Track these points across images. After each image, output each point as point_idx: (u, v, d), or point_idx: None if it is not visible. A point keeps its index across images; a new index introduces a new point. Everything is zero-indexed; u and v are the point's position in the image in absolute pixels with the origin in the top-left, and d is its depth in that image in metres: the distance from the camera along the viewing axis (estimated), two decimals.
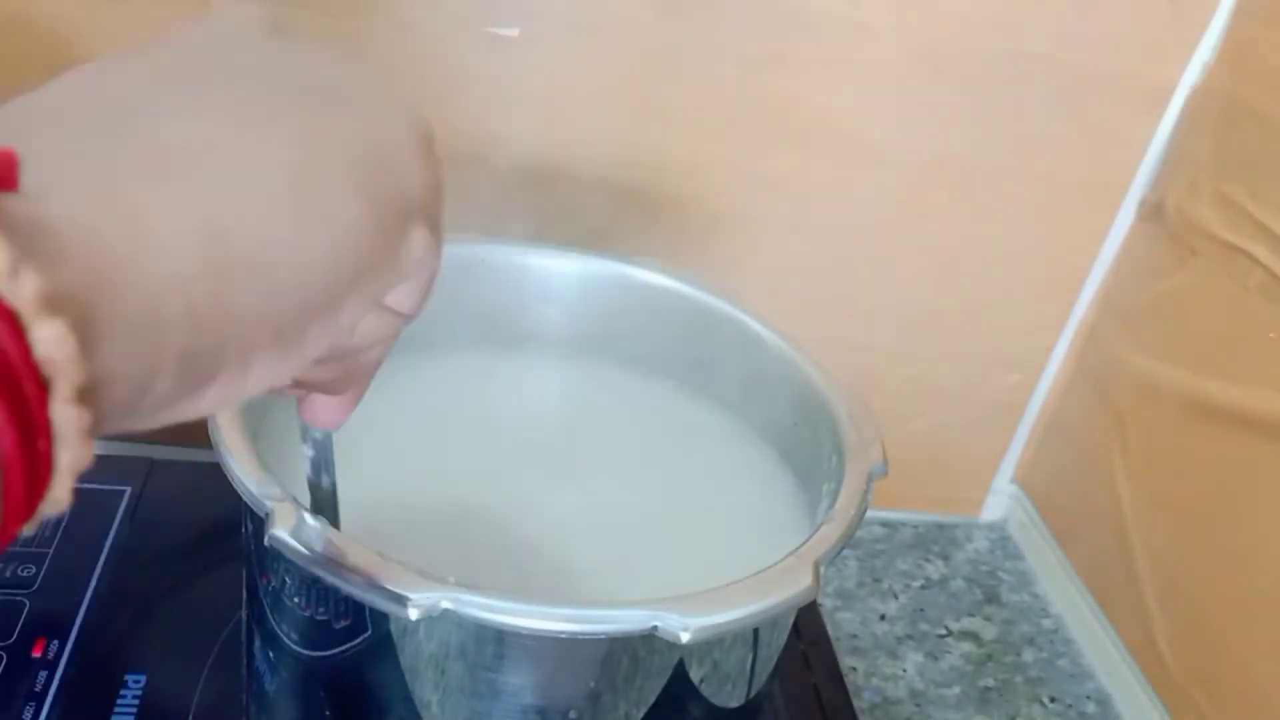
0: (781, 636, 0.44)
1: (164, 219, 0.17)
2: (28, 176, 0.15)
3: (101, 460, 0.58)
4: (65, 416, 0.15)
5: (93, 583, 0.54)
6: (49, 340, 0.14)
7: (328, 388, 0.28)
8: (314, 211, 0.20)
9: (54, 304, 0.15)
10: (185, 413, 0.19)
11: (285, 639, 0.39)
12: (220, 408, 0.20)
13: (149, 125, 0.19)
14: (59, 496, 0.16)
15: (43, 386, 0.15)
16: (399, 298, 0.25)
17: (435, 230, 0.24)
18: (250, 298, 0.18)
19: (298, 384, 0.28)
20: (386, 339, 0.26)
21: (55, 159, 0.16)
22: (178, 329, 0.17)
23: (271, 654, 0.41)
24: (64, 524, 0.56)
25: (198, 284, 0.17)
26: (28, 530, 0.16)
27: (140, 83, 0.20)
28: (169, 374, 0.17)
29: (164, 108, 0.19)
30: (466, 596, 0.31)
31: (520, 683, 0.36)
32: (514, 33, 0.57)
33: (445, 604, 0.31)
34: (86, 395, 0.15)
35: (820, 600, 0.68)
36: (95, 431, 0.16)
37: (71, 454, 0.16)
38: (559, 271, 0.52)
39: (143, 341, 0.16)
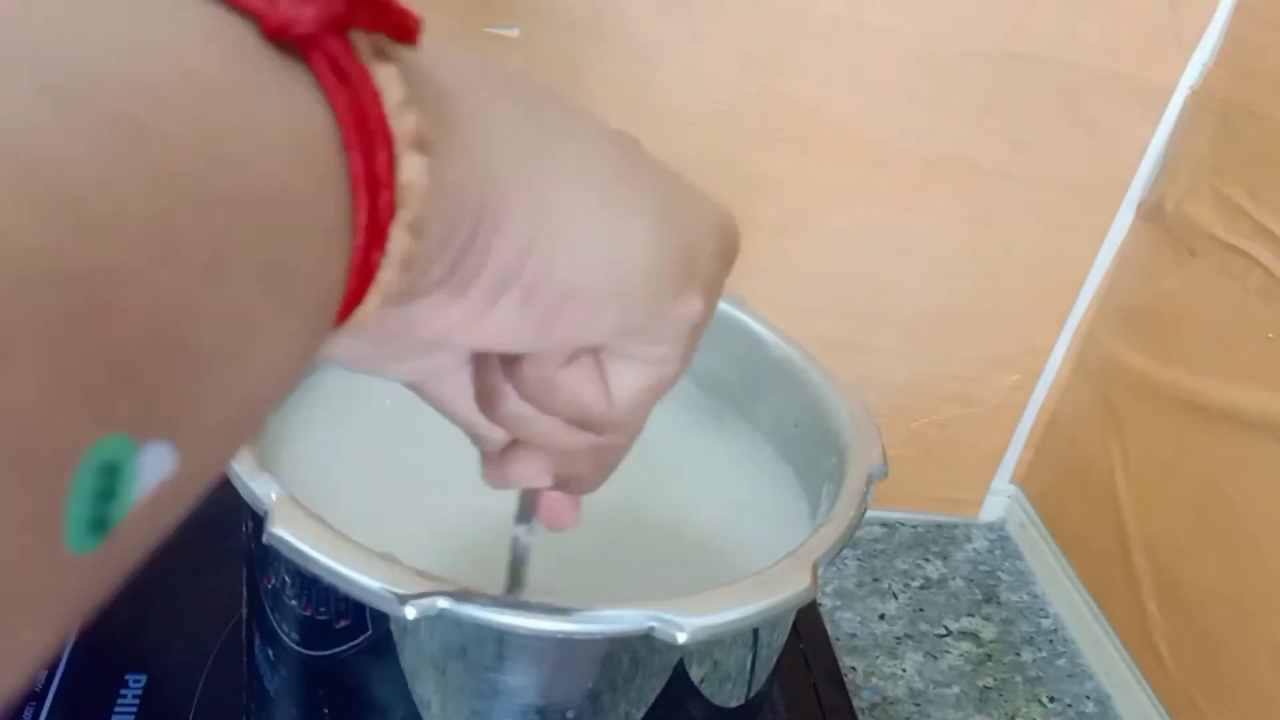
0: (781, 636, 0.44)
1: (502, 133, 0.20)
2: (424, 58, 0.18)
3: None
4: (399, 238, 0.17)
5: None
6: (412, 169, 0.17)
7: (574, 479, 0.30)
8: (614, 213, 0.22)
9: (420, 146, 0.17)
10: (441, 318, 0.21)
11: (285, 638, 0.39)
12: (457, 336, 0.22)
13: (534, 96, 0.22)
14: (369, 310, 0.18)
15: (392, 209, 0.17)
16: (621, 377, 0.26)
17: (698, 326, 0.25)
18: (522, 237, 0.20)
19: (550, 481, 0.30)
20: (588, 411, 0.26)
21: (440, 61, 0.19)
22: (469, 222, 0.19)
23: (271, 653, 0.41)
24: None
25: (497, 197, 0.20)
26: (335, 343, 0.18)
27: (543, 89, 0.23)
28: (445, 262, 0.19)
29: (547, 94, 0.22)
30: (463, 597, 0.31)
31: (520, 683, 0.36)
32: (514, 33, 0.57)
33: (442, 604, 0.31)
34: (415, 229, 0.17)
35: (820, 600, 0.68)
36: (407, 268, 0.18)
37: (390, 274, 0.17)
38: None
39: (447, 214, 0.19)
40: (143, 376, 0.13)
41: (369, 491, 0.42)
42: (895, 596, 0.72)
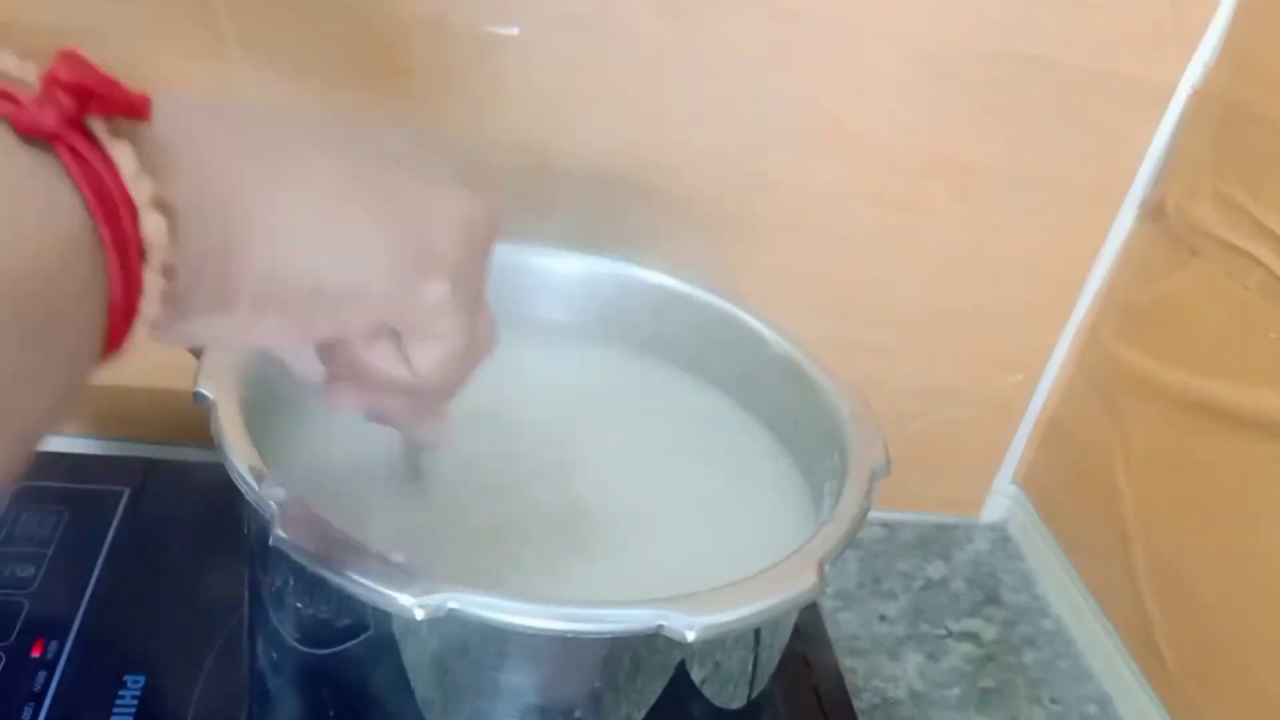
0: (783, 637, 0.44)
1: (233, 179, 0.24)
2: (160, 123, 0.22)
3: (99, 461, 0.58)
4: (153, 280, 0.22)
5: (91, 583, 0.53)
6: (153, 225, 0.21)
7: (399, 423, 0.34)
8: (342, 228, 0.26)
9: (158, 205, 0.21)
10: (213, 334, 0.26)
11: (287, 637, 0.39)
12: (237, 340, 0.27)
13: (257, 122, 0.26)
14: (137, 337, 0.22)
15: (142, 258, 0.21)
16: (418, 353, 0.30)
17: (458, 299, 0.29)
18: (266, 260, 0.25)
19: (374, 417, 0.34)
20: (399, 382, 0.31)
21: (173, 117, 0.23)
22: (217, 259, 0.24)
23: (274, 653, 0.41)
24: (62, 524, 0.56)
25: (237, 232, 0.24)
26: (111, 360, 0.22)
27: (274, 117, 0.27)
28: (206, 292, 0.24)
29: (279, 118, 0.27)
30: (472, 597, 0.31)
31: (523, 682, 0.36)
32: (514, 31, 0.57)
33: (451, 604, 0.31)
34: (167, 271, 0.22)
35: (821, 601, 0.68)
36: (166, 300, 0.22)
37: (151, 308, 0.22)
38: (560, 271, 0.52)
39: (197, 254, 0.23)
40: None
41: (368, 491, 0.42)
42: (896, 597, 0.72)
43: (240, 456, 0.35)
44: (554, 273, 0.52)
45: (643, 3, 0.57)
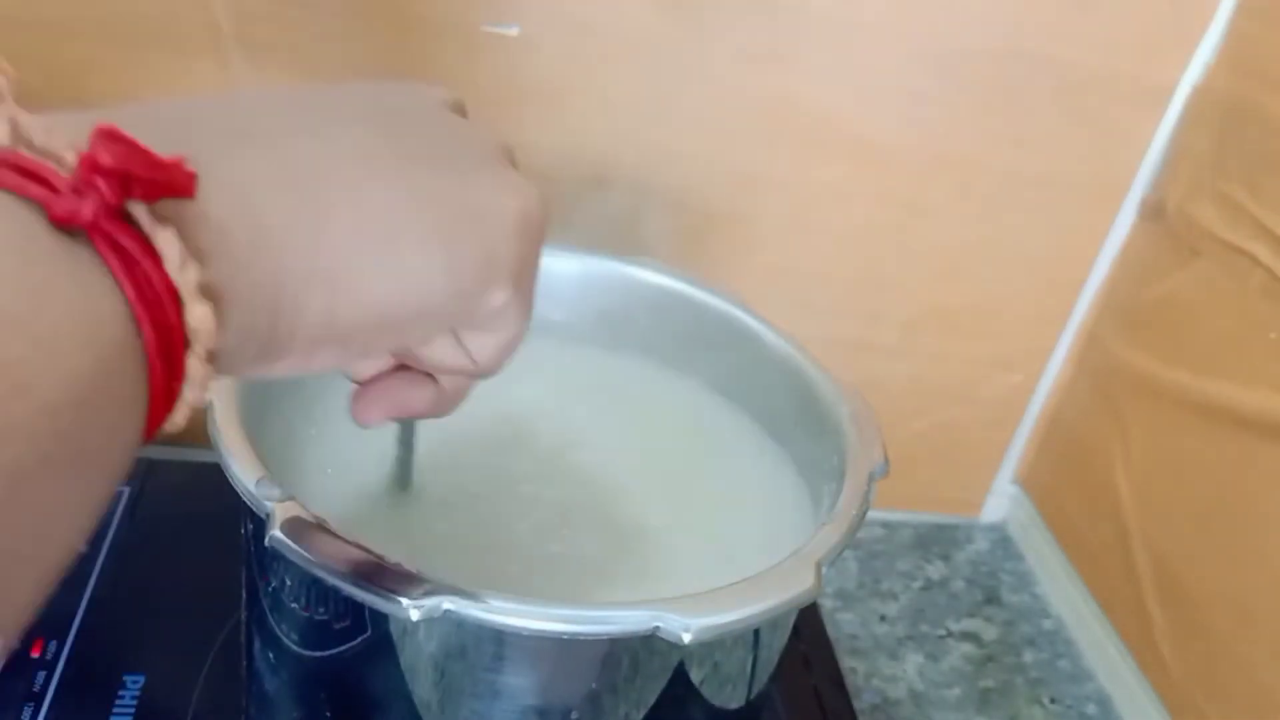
0: (782, 638, 0.44)
1: (282, 236, 0.22)
2: (202, 190, 0.21)
3: None
4: (196, 369, 0.20)
5: (91, 583, 0.53)
6: (199, 316, 0.20)
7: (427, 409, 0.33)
8: (398, 253, 0.25)
9: (204, 291, 0.20)
10: (264, 374, 0.25)
11: (285, 639, 0.39)
12: (292, 373, 0.25)
13: (294, 147, 0.24)
14: (178, 420, 0.21)
15: (186, 345, 0.20)
16: (476, 345, 0.29)
17: (519, 295, 0.28)
18: (321, 307, 0.23)
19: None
20: (459, 371, 0.31)
21: (214, 174, 0.21)
22: (267, 320, 0.22)
23: (271, 655, 0.41)
24: None
25: (289, 290, 0.23)
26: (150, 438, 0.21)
27: (299, 109, 0.26)
28: (254, 350, 0.23)
29: (313, 133, 0.25)
30: (468, 599, 0.31)
31: (520, 683, 0.36)
32: (513, 31, 0.57)
33: (447, 605, 0.31)
34: (210, 356, 0.20)
35: (820, 601, 0.68)
36: (207, 386, 0.21)
37: (194, 393, 0.21)
38: (558, 271, 0.52)
39: (245, 325, 0.22)
40: None
41: (366, 492, 0.42)
42: (896, 597, 0.72)
43: (237, 457, 0.35)
44: (552, 272, 0.52)
45: (643, 2, 0.57)
